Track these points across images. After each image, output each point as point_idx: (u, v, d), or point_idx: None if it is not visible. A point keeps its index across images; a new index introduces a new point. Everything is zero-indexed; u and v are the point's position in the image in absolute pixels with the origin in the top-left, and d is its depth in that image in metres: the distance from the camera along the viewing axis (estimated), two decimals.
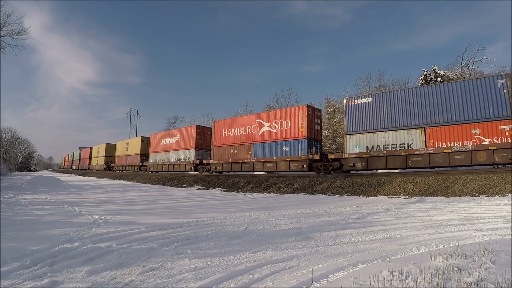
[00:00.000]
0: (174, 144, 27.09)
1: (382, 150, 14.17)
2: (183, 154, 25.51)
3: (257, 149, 19.14)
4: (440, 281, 2.82)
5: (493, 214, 6.67)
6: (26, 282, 3.35)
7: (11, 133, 66.98)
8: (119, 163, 38.43)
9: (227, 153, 20.98)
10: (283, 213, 8.22)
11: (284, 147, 17.58)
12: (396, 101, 14.25)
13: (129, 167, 35.41)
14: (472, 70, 29.53)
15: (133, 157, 34.42)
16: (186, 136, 25.58)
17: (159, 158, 28.77)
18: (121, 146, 38.76)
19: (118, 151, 39.42)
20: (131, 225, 6.53)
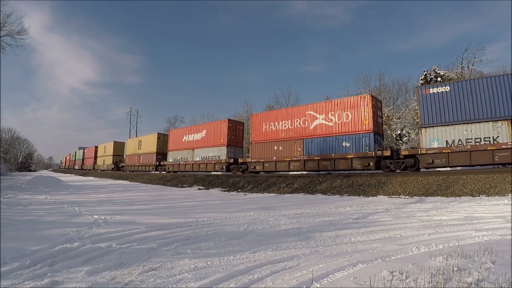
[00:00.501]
0: (199, 141, 24.14)
1: (465, 144, 12.70)
2: (211, 152, 22.55)
3: (308, 145, 16.81)
4: (440, 281, 2.82)
5: (493, 214, 6.67)
6: (26, 282, 3.35)
7: (11, 133, 67.03)
8: (131, 162, 35.12)
9: (269, 150, 18.55)
10: (283, 213, 8.22)
11: (344, 142, 15.43)
12: (479, 90, 12.77)
13: (143, 167, 32.25)
14: (472, 70, 29.53)
15: (148, 156, 31.37)
16: (215, 132, 22.58)
17: (180, 156, 25.79)
18: (133, 144, 35.40)
19: (129, 150, 35.96)
20: (131, 225, 6.53)
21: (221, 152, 21.92)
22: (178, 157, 26.15)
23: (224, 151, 21.62)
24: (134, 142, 35.71)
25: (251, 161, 19.57)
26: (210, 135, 23.22)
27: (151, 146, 31.05)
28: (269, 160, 18.49)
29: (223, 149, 21.76)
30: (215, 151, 22.44)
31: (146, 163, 31.57)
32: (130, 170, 35.37)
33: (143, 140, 33.24)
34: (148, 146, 31.63)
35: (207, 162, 22.84)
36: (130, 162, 35.35)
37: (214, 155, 22.45)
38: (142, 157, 32.68)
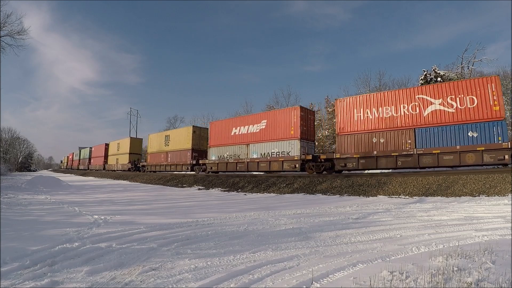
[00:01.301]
0: (257, 134, 19.69)
1: None
2: (277, 147, 18.30)
3: (421, 135, 13.76)
4: (440, 281, 2.82)
5: (493, 214, 6.67)
6: (26, 282, 3.35)
7: (11, 133, 67.05)
8: (154, 161, 29.81)
9: (366, 143, 15.15)
10: (283, 213, 8.22)
11: (470, 132, 12.75)
12: None
13: (172, 167, 26.83)
14: (472, 70, 29.55)
15: (180, 154, 26.06)
16: (282, 122, 18.41)
17: (228, 153, 21.20)
18: (157, 140, 30.10)
19: (152, 147, 30.75)
20: (131, 225, 6.53)
21: (291, 147, 17.50)
22: (224, 154, 21.48)
23: (296, 145, 17.25)
24: (159, 137, 30.09)
25: (340, 157, 15.55)
26: (273, 126, 18.75)
27: (184, 142, 25.61)
28: (367, 156, 14.84)
29: (295, 143, 17.38)
30: (282, 146, 18.07)
31: (178, 161, 26.01)
32: (153, 170, 30.00)
33: (172, 135, 28.01)
34: (180, 142, 26.11)
35: (270, 160, 18.33)
36: (154, 161, 29.86)
37: (281, 150, 18.06)
38: (171, 155, 27.34)
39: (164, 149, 28.60)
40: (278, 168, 18.04)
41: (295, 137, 17.52)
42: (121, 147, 39.28)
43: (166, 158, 28.06)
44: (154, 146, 30.57)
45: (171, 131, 29.85)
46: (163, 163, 28.35)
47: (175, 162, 26.48)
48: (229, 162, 21.00)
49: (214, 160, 22.20)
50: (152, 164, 30.18)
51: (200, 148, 25.18)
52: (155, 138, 31.03)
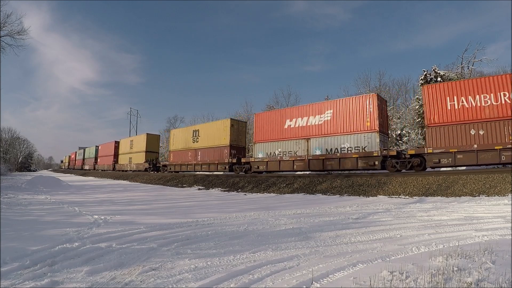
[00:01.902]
0: (320, 127, 16.62)
1: None
2: (348, 142, 15.41)
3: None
4: (440, 281, 2.82)
5: (493, 214, 6.67)
6: (26, 282, 3.35)
7: (11, 133, 67.05)
8: (179, 160, 25.88)
9: (462, 136, 12.87)
10: (283, 213, 8.22)
11: None
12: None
13: (204, 166, 23.10)
14: (472, 70, 29.55)
15: (213, 152, 22.49)
16: (353, 112, 15.44)
17: (280, 150, 18.06)
18: (182, 136, 26.29)
19: (176, 143, 26.86)
20: (131, 225, 6.53)
21: (367, 142, 14.77)
22: (276, 151, 18.30)
23: (374, 139, 14.48)
24: (185, 133, 26.34)
25: (433, 152, 13.19)
26: (342, 117, 15.88)
27: (219, 137, 22.25)
28: (464, 150, 12.70)
29: (372, 137, 14.61)
30: (355, 140, 15.25)
31: (211, 160, 22.44)
32: (177, 170, 26.00)
33: (203, 130, 24.14)
34: (214, 137, 22.75)
35: (340, 157, 15.43)
36: (179, 159, 26.02)
37: (354, 145, 15.21)
38: (201, 153, 23.76)
39: (192, 146, 24.73)
40: (352, 166, 15.07)
41: (373, 130, 14.69)
42: (135, 144, 34.74)
43: (194, 156, 24.26)
44: (179, 142, 26.43)
45: (201, 126, 25.25)
46: (190, 162, 24.42)
47: (208, 161, 22.71)
48: (283, 160, 17.65)
49: (261, 158, 18.82)
50: (176, 164, 25.98)
51: (239, 144, 21.83)
52: (180, 133, 26.84)
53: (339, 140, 15.89)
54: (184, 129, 27.04)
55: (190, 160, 24.77)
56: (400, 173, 13.74)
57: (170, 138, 28.63)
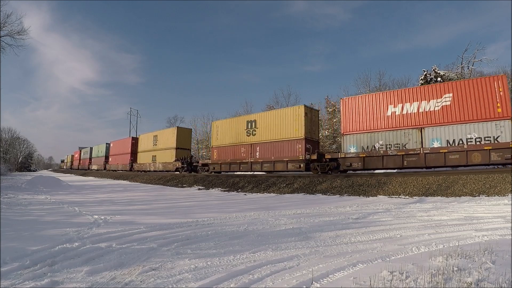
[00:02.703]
0: (437, 113, 13.68)
1: None
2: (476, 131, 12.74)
3: None
4: (440, 281, 2.82)
5: (493, 214, 6.67)
6: (26, 282, 3.35)
7: (11, 133, 67.09)
8: (227, 157, 21.36)
9: None
10: (283, 213, 8.22)
11: None
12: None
13: (266, 165, 18.80)
14: (472, 70, 29.56)
15: (281, 146, 18.21)
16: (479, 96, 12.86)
17: (381, 142, 14.72)
18: (230, 129, 21.70)
19: (220, 138, 22.35)
20: (131, 225, 6.53)
21: (500, 131, 12.22)
22: (376, 144, 14.91)
23: (508, 128, 12.07)
24: (234, 125, 21.56)
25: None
26: (466, 102, 13.12)
27: (289, 129, 17.92)
28: None
29: (506, 125, 12.11)
30: (483, 129, 12.57)
31: (277, 157, 18.22)
32: (225, 170, 21.57)
33: (262, 120, 19.66)
34: (281, 129, 18.43)
35: (467, 149, 12.60)
36: (226, 157, 21.51)
37: (483, 136, 12.52)
38: (261, 149, 19.31)
39: (245, 141, 20.32)
40: (482, 161, 12.36)
41: (505, 117, 12.05)
42: (161, 140, 29.62)
43: (251, 152, 19.80)
44: (225, 136, 21.94)
45: (259, 115, 20.45)
46: (245, 160, 19.91)
47: (272, 159, 18.43)
48: (387, 155, 14.28)
49: (355, 153, 15.32)
50: (223, 162, 21.42)
51: (313, 137, 18.06)
52: (227, 126, 22.09)
53: (463, 129, 13.05)
54: (233, 120, 22.25)
55: (244, 158, 20.08)
56: (400, 173, 13.76)
57: (212, 132, 23.48)
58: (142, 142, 33.40)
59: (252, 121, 20.37)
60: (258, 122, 19.93)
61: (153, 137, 31.28)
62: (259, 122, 19.90)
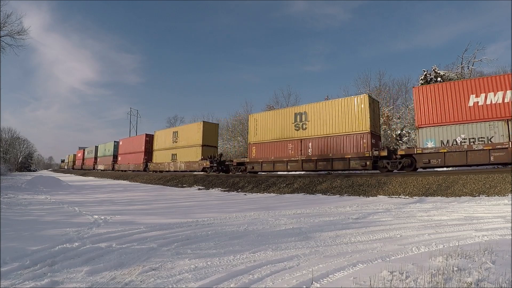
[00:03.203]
0: None
1: None
2: None
3: None
4: (440, 281, 2.82)
5: (493, 214, 6.67)
6: (26, 282, 3.35)
7: (11, 133, 67.05)
8: (267, 155, 18.94)
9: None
10: (283, 213, 8.22)
11: None
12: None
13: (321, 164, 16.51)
14: (472, 70, 29.56)
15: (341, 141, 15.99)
16: None
17: (464, 136, 13.13)
18: (272, 122, 19.15)
19: (258, 134, 19.78)
20: (131, 225, 6.53)
21: None
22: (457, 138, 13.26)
23: None
24: (278, 117, 19.05)
25: None
26: None
27: (352, 122, 15.76)
28: None
29: None
30: None
31: (335, 154, 15.96)
32: (267, 170, 19.12)
33: (314, 112, 17.33)
34: (339, 122, 16.23)
35: None
36: (269, 154, 18.87)
37: None
38: (314, 144, 16.99)
39: (293, 136, 17.96)
40: None
41: None
42: (183, 136, 26.29)
43: (300, 149, 17.41)
44: (265, 131, 19.40)
45: (309, 106, 17.75)
46: (294, 158, 17.50)
47: (330, 156, 16.05)
48: (472, 150, 12.68)
49: (435, 148, 13.55)
50: (265, 161, 18.82)
51: (376, 131, 16.19)
52: (266, 119, 19.56)
53: None
54: (276, 113, 19.48)
55: (291, 155, 17.63)
56: (400, 173, 13.76)
57: (250, 126, 20.68)
58: (159, 139, 29.86)
59: (302, 113, 17.80)
60: (310, 114, 17.43)
61: (172, 133, 27.91)
62: (310, 114, 17.41)
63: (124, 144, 37.09)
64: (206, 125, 24.95)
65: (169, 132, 28.78)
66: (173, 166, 26.76)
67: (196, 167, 23.83)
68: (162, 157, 28.76)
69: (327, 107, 16.99)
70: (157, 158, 29.69)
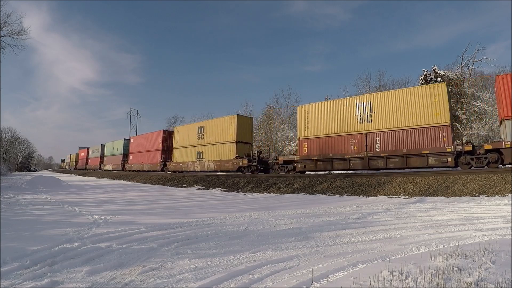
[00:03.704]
0: None
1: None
2: None
3: None
4: (440, 281, 2.82)
5: (493, 214, 6.67)
6: (26, 282, 3.35)
7: (11, 133, 67.05)
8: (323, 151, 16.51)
9: None
10: (283, 213, 8.22)
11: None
12: None
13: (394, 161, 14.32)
14: (472, 70, 29.56)
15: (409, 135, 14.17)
16: None
17: None
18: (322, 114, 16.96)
19: (310, 128, 17.33)
20: (131, 225, 6.53)
21: None
22: None
23: None
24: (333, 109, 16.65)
25: None
26: None
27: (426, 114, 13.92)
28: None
29: None
30: None
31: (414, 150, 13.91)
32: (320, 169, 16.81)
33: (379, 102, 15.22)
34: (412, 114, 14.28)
35: None
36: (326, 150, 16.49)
37: None
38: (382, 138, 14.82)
39: (355, 129, 15.63)
40: None
41: None
42: (210, 132, 23.13)
43: (364, 144, 15.11)
44: (319, 125, 16.95)
45: (374, 95, 15.74)
46: (357, 155, 15.23)
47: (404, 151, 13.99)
48: None
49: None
50: (320, 158, 16.32)
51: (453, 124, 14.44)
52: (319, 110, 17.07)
53: None
54: (332, 103, 16.85)
55: (355, 151, 15.41)
56: (400, 173, 13.75)
57: (299, 119, 18.12)
58: (180, 136, 26.27)
59: (366, 104, 15.54)
60: (375, 104, 15.24)
61: (197, 128, 24.49)
62: (376, 104, 15.23)
63: (137, 142, 33.77)
64: (240, 119, 21.64)
65: (193, 128, 25.19)
66: (199, 165, 23.55)
67: (229, 166, 20.93)
68: (185, 156, 25.42)
69: (397, 96, 14.86)
70: (178, 156, 26.17)
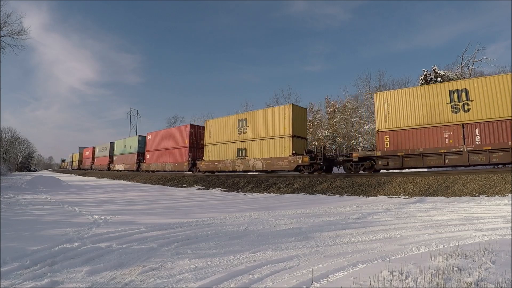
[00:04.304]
0: None
1: None
2: None
3: None
4: (440, 281, 2.82)
5: (493, 214, 6.67)
6: (26, 282, 3.35)
7: (11, 133, 67.00)
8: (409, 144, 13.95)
9: None
10: (283, 213, 8.22)
11: None
12: None
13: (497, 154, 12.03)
14: (472, 70, 29.56)
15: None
16: None
17: None
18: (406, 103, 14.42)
19: (391, 119, 14.70)
20: (131, 225, 6.53)
21: None
22: None
23: None
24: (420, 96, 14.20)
25: None
26: None
27: None
28: None
29: None
30: None
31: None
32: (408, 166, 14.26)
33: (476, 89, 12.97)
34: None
35: None
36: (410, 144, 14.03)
37: None
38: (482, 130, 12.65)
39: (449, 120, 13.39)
40: None
41: None
42: (255, 125, 19.49)
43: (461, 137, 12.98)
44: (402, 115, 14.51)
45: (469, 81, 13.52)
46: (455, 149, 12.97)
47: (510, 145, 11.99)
48: None
49: None
50: (407, 153, 13.94)
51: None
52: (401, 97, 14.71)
53: None
54: (418, 90, 14.46)
55: (450, 145, 13.13)
56: (400, 173, 13.75)
57: (376, 109, 15.45)
58: (214, 131, 22.40)
59: (459, 91, 13.29)
60: (472, 92, 13.02)
61: (237, 121, 20.50)
62: (472, 92, 13.00)
63: (155, 138, 29.47)
64: (296, 109, 18.14)
65: (232, 121, 21.00)
66: (242, 164, 19.77)
67: (284, 165, 17.43)
68: (221, 153, 21.53)
69: (496, 82, 12.63)
70: (212, 154, 22.30)
